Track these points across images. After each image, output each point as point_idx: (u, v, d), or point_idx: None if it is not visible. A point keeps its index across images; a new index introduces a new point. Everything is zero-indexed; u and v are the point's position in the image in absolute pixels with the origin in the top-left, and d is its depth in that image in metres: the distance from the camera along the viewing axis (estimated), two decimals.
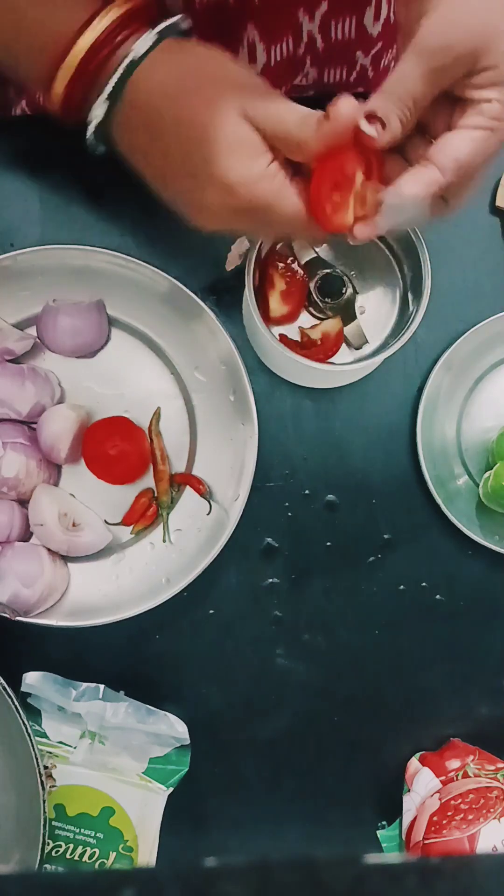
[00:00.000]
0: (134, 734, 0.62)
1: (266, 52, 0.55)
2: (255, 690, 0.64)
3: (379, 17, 0.56)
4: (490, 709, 0.65)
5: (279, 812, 0.65)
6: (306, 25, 0.54)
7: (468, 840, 0.58)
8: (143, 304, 0.61)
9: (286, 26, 0.54)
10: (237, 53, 0.55)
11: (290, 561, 0.64)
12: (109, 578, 0.62)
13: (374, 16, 0.55)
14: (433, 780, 0.61)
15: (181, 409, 0.63)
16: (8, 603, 0.58)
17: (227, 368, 0.60)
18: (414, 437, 0.62)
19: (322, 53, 0.57)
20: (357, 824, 0.65)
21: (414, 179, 0.41)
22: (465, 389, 0.64)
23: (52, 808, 0.61)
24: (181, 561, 0.61)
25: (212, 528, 0.61)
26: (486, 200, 0.64)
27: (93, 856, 0.61)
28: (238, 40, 0.54)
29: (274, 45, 0.55)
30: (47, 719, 0.62)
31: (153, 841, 0.62)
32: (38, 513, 0.60)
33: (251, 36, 0.53)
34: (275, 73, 0.57)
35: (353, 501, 0.64)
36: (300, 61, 0.57)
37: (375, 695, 0.65)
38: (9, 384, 0.59)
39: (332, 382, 0.63)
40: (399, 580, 0.64)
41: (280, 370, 0.63)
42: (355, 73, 0.61)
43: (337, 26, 0.55)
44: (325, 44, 0.56)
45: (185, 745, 0.63)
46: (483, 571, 0.64)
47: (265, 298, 0.56)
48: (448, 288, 0.63)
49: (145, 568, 0.62)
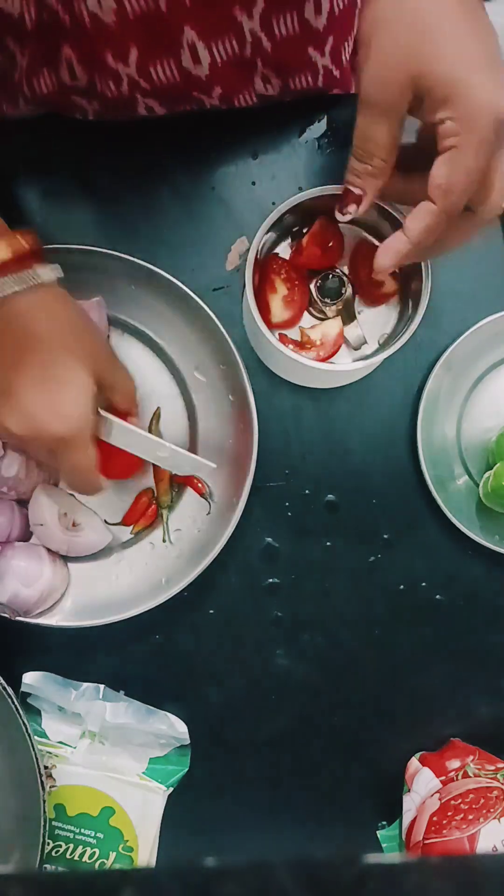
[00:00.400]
0: (134, 734, 0.62)
1: (209, 52, 0.55)
2: (255, 690, 0.64)
3: (321, 11, 0.56)
4: (490, 709, 0.65)
5: (279, 812, 0.65)
6: (247, 24, 0.54)
7: (468, 840, 0.58)
8: (143, 304, 0.61)
9: (225, 26, 0.54)
10: (179, 57, 0.55)
11: (290, 561, 0.64)
12: (109, 578, 0.62)
13: (315, 9, 0.55)
14: (433, 780, 0.61)
15: (181, 409, 0.63)
16: (8, 603, 0.58)
17: (227, 368, 0.60)
18: (414, 437, 0.62)
19: (272, 54, 0.57)
20: (357, 824, 0.65)
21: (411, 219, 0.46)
22: (465, 389, 0.64)
23: (52, 808, 0.61)
24: (181, 561, 0.61)
25: (212, 528, 0.61)
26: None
27: (93, 856, 0.61)
28: (178, 44, 0.54)
29: (215, 43, 0.55)
30: (47, 719, 0.62)
31: (153, 841, 0.62)
32: (38, 513, 0.60)
33: (189, 37, 0.54)
34: (227, 75, 0.57)
35: (353, 501, 0.64)
36: (250, 62, 0.57)
37: (375, 695, 0.65)
38: None
39: (332, 383, 0.63)
40: (399, 580, 0.64)
41: (280, 370, 0.63)
42: (321, 76, 0.61)
43: (279, 22, 0.55)
44: (272, 42, 0.56)
45: (185, 745, 0.63)
46: (483, 571, 0.64)
47: (265, 299, 0.56)
48: (448, 288, 0.63)
49: (145, 568, 0.62)
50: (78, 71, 0.56)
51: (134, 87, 0.57)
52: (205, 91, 0.58)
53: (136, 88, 0.57)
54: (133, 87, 0.57)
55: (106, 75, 0.56)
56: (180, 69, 0.56)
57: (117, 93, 0.57)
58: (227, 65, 0.56)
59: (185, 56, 0.55)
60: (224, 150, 0.64)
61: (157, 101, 0.59)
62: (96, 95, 0.58)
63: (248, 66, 0.57)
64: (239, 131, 0.63)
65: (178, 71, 0.56)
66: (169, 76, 0.56)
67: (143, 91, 0.57)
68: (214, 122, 0.63)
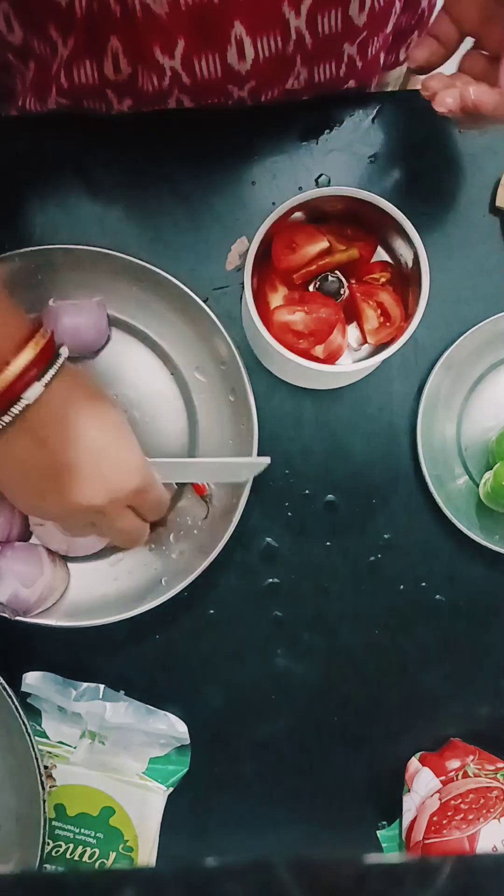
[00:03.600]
0: (134, 734, 0.62)
1: (254, 48, 0.55)
2: (255, 690, 0.64)
3: (364, 7, 0.56)
4: (490, 709, 0.65)
5: (279, 812, 0.65)
6: (293, 21, 0.55)
7: (468, 840, 0.58)
8: (143, 304, 0.61)
9: (273, 21, 0.54)
10: (225, 52, 0.55)
11: (290, 561, 0.64)
12: (109, 578, 0.62)
13: (360, 6, 0.56)
14: (433, 780, 0.61)
15: (181, 409, 0.63)
16: (8, 603, 0.58)
17: (227, 368, 0.60)
18: (414, 437, 0.62)
19: (311, 50, 0.57)
20: (357, 824, 0.65)
21: None
22: (465, 389, 0.64)
23: (52, 808, 0.61)
24: (181, 561, 0.61)
25: (211, 528, 0.61)
26: (486, 200, 0.64)
27: (93, 856, 0.61)
28: (226, 38, 0.54)
29: (261, 38, 0.55)
30: (47, 719, 0.62)
31: (153, 841, 0.62)
32: None
33: (238, 32, 0.54)
34: (267, 72, 0.58)
35: (353, 501, 0.64)
36: (290, 60, 0.57)
37: (375, 695, 0.65)
38: None
39: (331, 383, 0.63)
40: (399, 580, 0.64)
41: (280, 371, 0.63)
42: (344, 66, 0.61)
43: (323, 20, 0.55)
44: (314, 39, 0.56)
45: (185, 745, 0.63)
46: (483, 571, 0.64)
47: (265, 299, 0.56)
48: (448, 288, 0.63)
49: (145, 568, 0.62)
50: (122, 63, 0.56)
51: (175, 82, 0.57)
52: (239, 84, 0.59)
53: (176, 83, 0.57)
54: (174, 81, 0.57)
55: (150, 69, 0.56)
56: (224, 64, 0.56)
57: (158, 87, 0.57)
58: (267, 61, 0.56)
59: (231, 51, 0.55)
60: (224, 150, 0.64)
61: (190, 96, 0.59)
62: (133, 91, 0.58)
63: (287, 62, 0.58)
64: (239, 131, 0.63)
65: (221, 66, 0.56)
66: (212, 71, 0.56)
67: (183, 86, 0.58)
68: (214, 121, 0.63)
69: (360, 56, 0.61)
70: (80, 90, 0.59)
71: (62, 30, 0.55)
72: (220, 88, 0.59)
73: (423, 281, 0.52)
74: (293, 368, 0.58)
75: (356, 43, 0.59)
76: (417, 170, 0.64)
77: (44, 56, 0.58)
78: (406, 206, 0.53)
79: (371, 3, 0.56)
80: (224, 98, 0.60)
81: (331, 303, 0.56)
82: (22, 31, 0.57)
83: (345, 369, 0.55)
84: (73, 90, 0.59)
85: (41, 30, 0.56)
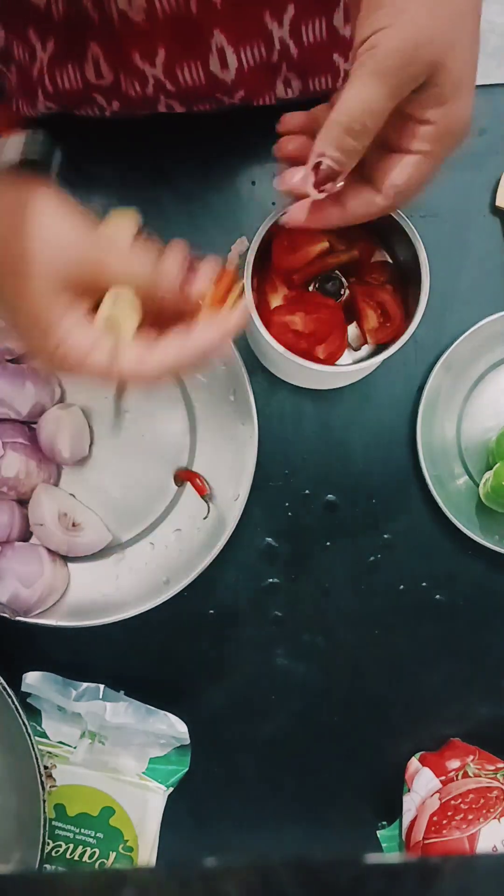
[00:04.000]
0: (134, 734, 0.62)
1: (237, 57, 0.55)
2: (255, 690, 0.64)
3: (349, 19, 0.56)
4: (490, 709, 0.65)
5: (279, 812, 0.65)
6: (276, 32, 0.54)
7: (468, 840, 0.58)
8: None
9: (255, 32, 0.54)
10: (207, 61, 0.55)
11: (290, 561, 0.64)
12: (109, 578, 0.62)
13: (344, 18, 0.55)
14: (433, 780, 0.61)
15: (181, 409, 0.63)
16: (8, 603, 0.58)
17: (227, 368, 0.60)
18: (414, 437, 0.62)
19: (297, 59, 0.57)
20: (357, 824, 0.65)
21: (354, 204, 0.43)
22: (465, 389, 0.64)
23: (52, 808, 0.61)
24: (181, 561, 0.61)
25: (212, 528, 0.61)
26: (486, 201, 0.64)
27: (93, 856, 0.61)
28: (206, 46, 0.54)
29: (244, 48, 0.55)
30: (47, 719, 0.62)
31: (153, 841, 0.62)
32: (38, 513, 0.60)
33: (219, 41, 0.54)
34: (253, 80, 0.57)
35: (353, 501, 0.64)
36: (276, 68, 0.57)
37: (375, 695, 0.65)
38: (9, 384, 0.59)
39: (331, 384, 0.63)
40: (399, 580, 0.64)
41: (280, 372, 0.63)
42: (341, 78, 0.61)
43: (307, 30, 0.55)
44: (299, 49, 0.56)
45: (185, 745, 0.63)
46: (483, 571, 0.64)
47: (265, 299, 0.56)
48: (448, 288, 0.63)
49: (145, 568, 0.62)
50: (104, 69, 0.56)
51: (159, 89, 0.57)
52: (228, 94, 0.58)
53: (160, 90, 0.57)
54: (158, 88, 0.57)
55: (132, 75, 0.56)
56: (207, 73, 0.56)
57: (142, 93, 0.57)
58: (253, 70, 0.56)
59: (213, 60, 0.55)
60: (224, 150, 0.64)
61: (178, 101, 0.59)
62: (119, 95, 0.58)
63: (273, 70, 0.58)
64: (239, 131, 0.63)
65: (204, 74, 0.56)
66: (195, 79, 0.56)
67: (168, 93, 0.57)
68: (214, 121, 0.63)
69: None
70: (66, 95, 0.59)
71: (41, 33, 0.55)
72: (207, 96, 0.59)
73: (423, 281, 0.52)
74: (293, 368, 0.58)
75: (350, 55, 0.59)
76: None
77: (23, 61, 0.57)
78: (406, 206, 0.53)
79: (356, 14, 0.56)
80: (215, 105, 0.60)
81: (331, 303, 0.56)
82: (3, 34, 0.57)
83: (345, 369, 0.55)
84: (59, 94, 0.59)
85: (20, 33, 0.55)
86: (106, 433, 0.63)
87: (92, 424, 0.63)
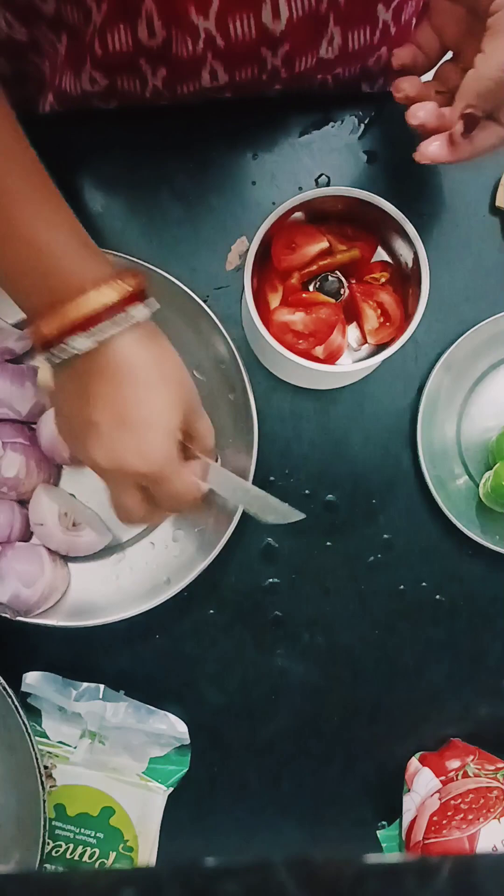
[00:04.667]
0: (134, 734, 0.62)
1: (288, 6, 0.55)
2: (255, 690, 0.64)
3: None
4: (490, 709, 0.65)
5: (279, 812, 0.65)
6: None
7: (468, 840, 0.58)
8: None
9: None
10: (259, 11, 0.55)
11: (290, 561, 0.64)
12: (109, 578, 0.62)
13: None
14: (433, 780, 0.61)
15: None
16: (8, 603, 0.58)
17: (227, 368, 0.60)
18: (414, 437, 0.62)
19: (344, 9, 0.57)
20: (357, 824, 0.65)
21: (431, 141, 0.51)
22: (465, 389, 0.64)
23: (52, 808, 0.61)
24: (181, 561, 0.61)
25: (212, 528, 0.61)
26: (486, 200, 0.64)
27: (93, 856, 0.61)
28: None
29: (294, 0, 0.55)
30: (47, 719, 0.62)
31: (153, 841, 0.62)
32: (38, 513, 0.60)
33: None
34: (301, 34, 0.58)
35: (353, 501, 0.64)
36: (323, 19, 0.58)
37: (375, 695, 0.65)
38: (9, 384, 0.59)
39: (332, 384, 0.63)
40: (399, 580, 0.64)
41: (279, 371, 0.63)
42: (378, 31, 0.61)
43: None
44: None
45: (185, 745, 0.63)
46: (483, 571, 0.64)
47: (265, 299, 0.56)
48: (448, 288, 0.63)
49: (145, 568, 0.62)
50: (157, 26, 0.56)
51: (209, 45, 0.57)
52: (273, 48, 0.58)
53: (210, 46, 0.57)
54: (208, 44, 0.57)
55: (184, 30, 0.56)
56: (258, 24, 0.56)
57: (192, 52, 0.57)
58: (301, 20, 0.56)
59: (266, 10, 0.55)
60: (224, 150, 0.64)
61: (224, 64, 0.59)
62: (167, 58, 0.58)
63: (321, 22, 0.58)
64: (239, 131, 0.63)
65: (256, 26, 0.56)
66: (246, 31, 0.56)
67: (216, 51, 0.57)
68: (214, 121, 0.63)
69: (395, 21, 0.61)
70: (114, 59, 0.58)
71: None
72: (253, 53, 0.58)
73: (423, 281, 0.52)
74: (293, 368, 0.58)
75: (391, 8, 0.59)
76: (417, 170, 0.64)
77: (77, 25, 0.58)
78: (406, 206, 0.53)
79: None
80: (258, 69, 0.60)
81: (331, 303, 0.56)
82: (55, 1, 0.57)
83: (345, 369, 0.55)
84: (108, 59, 0.59)
85: None
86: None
87: None
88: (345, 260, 0.56)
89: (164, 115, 0.63)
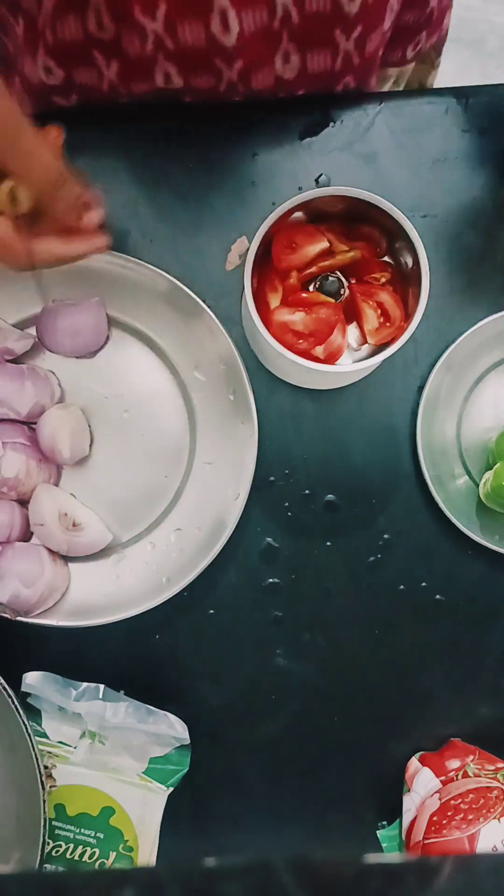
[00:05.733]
0: (134, 734, 0.62)
1: (238, 19, 0.55)
2: (255, 690, 0.64)
3: None
4: (490, 709, 0.65)
5: (279, 812, 0.65)
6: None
7: (468, 840, 0.58)
8: (143, 304, 0.61)
9: None
10: (208, 21, 0.55)
11: (290, 561, 0.64)
12: (109, 578, 0.62)
13: None
14: (433, 780, 0.61)
15: (181, 408, 0.63)
16: (8, 603, 0.58)
17: (227, 368, 0.61)
18: (414, 437, 0.62)
19: (298, 28, 0.57)
20: (357, 824, 0.65)
21: None
22: (465, 389, 0.64)
23: (52, 808, 0.61)
24: (181, 561, 0.61)
25: (212, 528, 0.61)
26: (486, 201, 0.64)
27: (93, 856, 0.61)
28: (209, 7, 0.54)
29: (246, 11, 0.55)
30: (47, 719, 0.62)
31: (153, 841, 0.62)
32: (38, 513, 0.60)
33: (221, 1, 0.54)
34: (253, 47, 0.57)
35: (353, 501, 0.64)
36: (276, 36, 0.57)
37: (375, 695, 0.65)
38: (9, 384, 0.59)
39: (332, 384, 0.63)
40: (399, 580, 0.64)
41: (280, 371, 0.63)
42: (340, 59, 0.61)
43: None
44: (300, 16, 0.56)
45: (185, 745, 0.63)
46: (483, 571, 0.64)
47: (265, 299, 0.56)
48: (448, 288, 0.63)
49: (145, 568, 0.62)
50: (105, 21, 0.56)
51: (158, 47, 0.57)
52: (227, 61, 0.58)
53: (160, 48, 0.57)
54: (157, 46, 0.57)
55: (132, 29, 0.56)
56: (207, 33, 0.56)
57: (142, 50, 0.57)
58: (254, 35, 0.56)
59: (215, 21, 0.55)
60: (224, 150, 0.64)
61: (177, 67, 0.59)
62: (119, 52, 0.58)
63: (274, 39, 0.58)
64: (238, 131, 0.63)
65: (205, 34, 0.56)
66: (195, 38, 0.56)
67: (167, 52, 0.57)
68: (214, 121, 0.63)
69: (357, 51, 0.61)
70: (66, 48, 0.59)
71: None
72: (206, 62, 0.58)
73: (423, 281, 0.52)
74: (293, 369, 0.58)
75: (352, 38, 0.59)
76: (417, 170, 0.64)
77: (30, 10, 0.58)
78: (406, 206, 0.53)
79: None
80: (214, 79, 0.60)
81: (331, 303, 0.56)
82: None
83: (345, 369, 0.55)
84: (60, 48, 0.59)
85: None
86: (106, 433, 0.63)
87: (92, 424, 0.63)
88: (346, 261, 0.56)
89: (165, 115, 0.63)
